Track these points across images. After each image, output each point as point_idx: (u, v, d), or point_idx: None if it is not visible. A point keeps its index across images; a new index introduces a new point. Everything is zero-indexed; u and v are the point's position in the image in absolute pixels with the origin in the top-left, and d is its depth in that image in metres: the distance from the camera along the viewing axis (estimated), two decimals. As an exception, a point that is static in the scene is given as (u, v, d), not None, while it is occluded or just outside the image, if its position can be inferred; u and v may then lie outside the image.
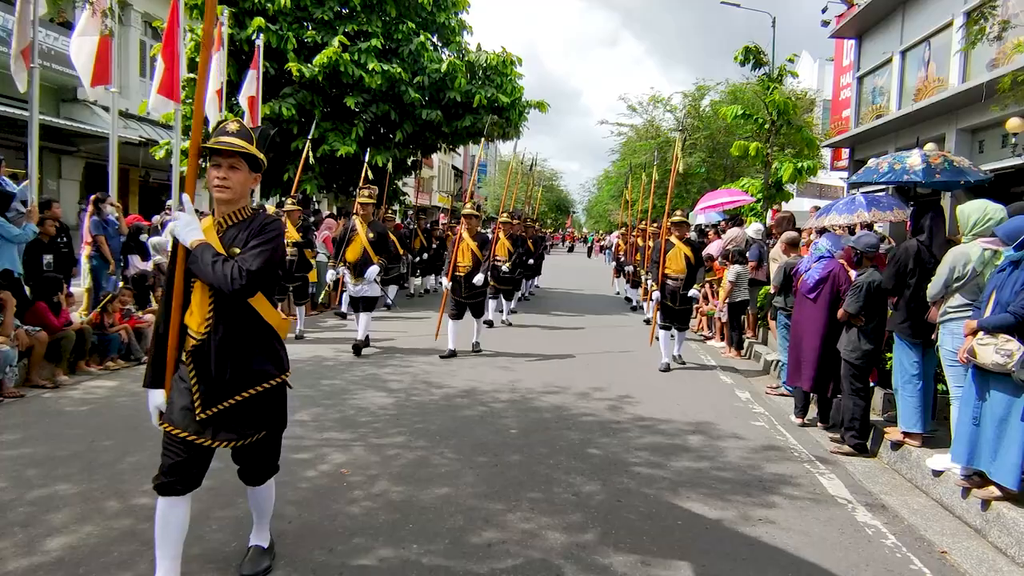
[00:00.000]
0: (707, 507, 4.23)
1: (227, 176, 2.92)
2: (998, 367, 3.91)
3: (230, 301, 2.85)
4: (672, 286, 8.80)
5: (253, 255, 2.80)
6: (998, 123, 11.45)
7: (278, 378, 3.04)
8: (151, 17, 17.26)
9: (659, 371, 8.42)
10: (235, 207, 2.99)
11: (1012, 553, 3.77)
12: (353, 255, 8.58)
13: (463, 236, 9.16)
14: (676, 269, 8.80)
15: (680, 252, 8.82)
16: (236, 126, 2.98)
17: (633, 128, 31.43)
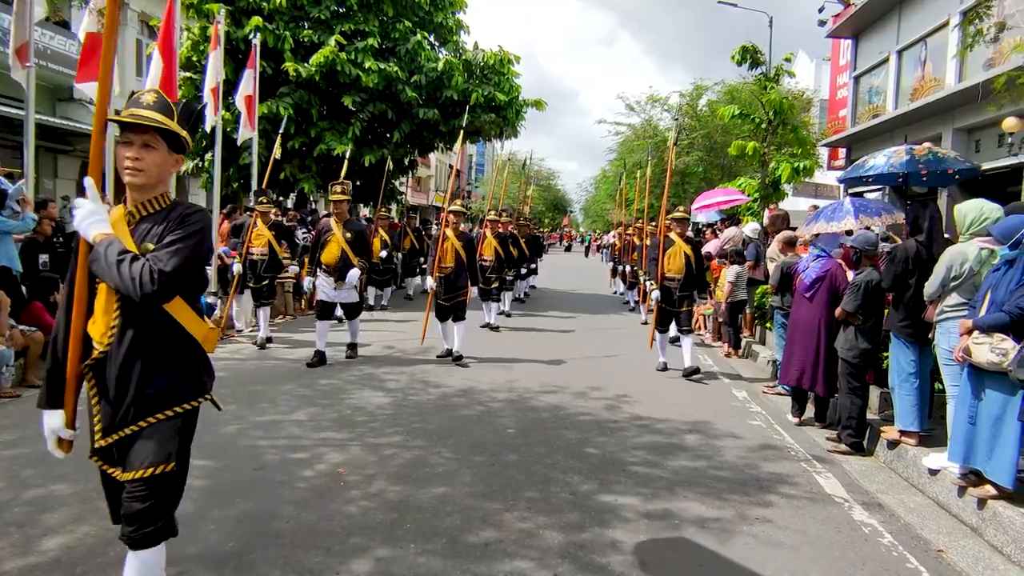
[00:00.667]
0: (704, 506, 4.24)
1: (140, 156, 2.43)
2: (993, 366, 3.92)
3: (140, 307, 2.38)
4: (671, 286, 8.34)
5: (168, 253, 2.32)
6: (994, 123, 11.48)
7: (194, 401, 2.56)
8: (147, 16, 17.22)
9: (656, 371, 8.34)
10: (150, 194, 2.50)
11: (1008, 551, 3.78)
12: (330, 257, 7.96)
13: (447, 235, 8.57)
14: (675, 269, 8.32)
15: (680, 251, 8.36)
16: (153, 97, 2.50)
17: (631, 127, 31.47)
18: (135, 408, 2.44)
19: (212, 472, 4.47)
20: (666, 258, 8.38)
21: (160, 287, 2.26)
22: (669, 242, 8.44)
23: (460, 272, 8.53)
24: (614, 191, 37.91)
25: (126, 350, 2.42)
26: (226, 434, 5.26)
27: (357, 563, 3.36)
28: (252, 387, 6.79)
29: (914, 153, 6.85)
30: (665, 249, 8.44)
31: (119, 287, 2.29)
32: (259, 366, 7.88)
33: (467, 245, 8.68)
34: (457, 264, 8.47)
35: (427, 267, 8.88)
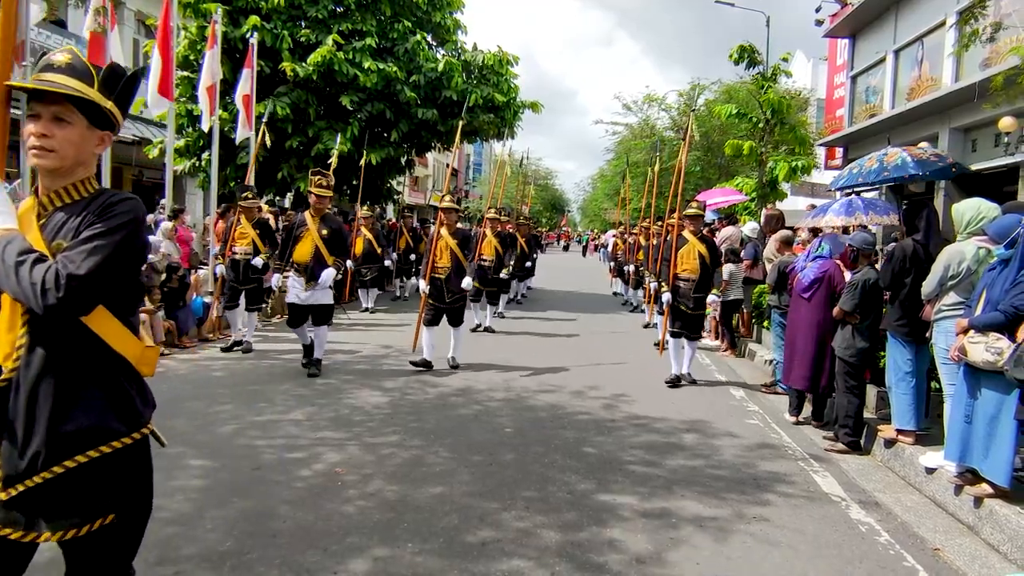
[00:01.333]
0: (702, 505, 4.24)
1: (49, 132, 1.90)
2: (988, 365, 3.94)
3: (51, 323, 1.83)
4: (684, 287, 7.72)
5: (83, 252, 1.78)
6: (991, 122, 11.51)
7: (128, 438, 1.95)
8: (144, 15, 17.19)
9: (665, 383, 7.54)
10: (67, 180, 1.94)
11: (1004, 550, 3.79)
12: (302, 255, 7.24)
13: (441, 233, 7.99)
14: (689, 268, 7.71)
15: (694, 249, 7.75)
16: (67, 58, 1.94)
17: (628, 127, 31.49)
18: (48, 449, 1.85)
19: (209, 472, 4.46)
20: (679, 257, 7.80)
21: (68, 295, 1.71)
22: (682, 240, 7.87)
23: (460, 273, 7.98)
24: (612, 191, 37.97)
25: (35, 376, 1.84)
26: (223, 434, 5.26)
27: (354, 563, 3.36)
28: (249, 387, 6.78)
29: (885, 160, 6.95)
30: (678, 247, 7.85)
31: (18, 296, 1.76)
32: (256, 365, 7.87)
33: (463, 243, 8.11)
34: (454, 265, 7.93)
35: (421, 269, 8.57)
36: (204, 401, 6.16)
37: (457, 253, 7.93)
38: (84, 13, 9.59)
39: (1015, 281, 4.00)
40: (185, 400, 6.19)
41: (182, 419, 5.55)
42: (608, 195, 41.44)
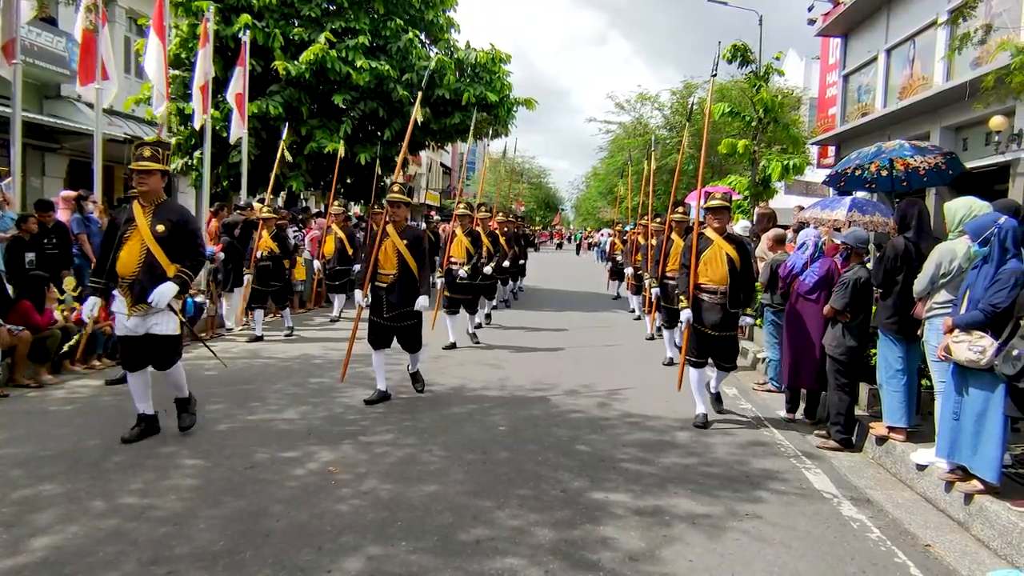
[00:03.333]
0: (695, 503, 4.26)
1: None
2: (972, 364, 3.98)
3: None
4: (709, 302, 6.04)
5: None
6: (981, 121, 11.58)
7: None
8: (136, 13, 17.10)
9: (695, 426, 5.93)
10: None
11: (994, 546, 3.82)
12: (125, 266, 4.91)
13: (387, 232, 6.42)
14: (715, 278, 5.91)
15: (720, 252, 5.96)
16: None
17: (621, 126, 31.53)
18: None
19: (202, 471, 4.45)
20: (701, 263, 6.07)
21: None
22: (705, 242, 6.15)
23: (405, 283, 6.34)
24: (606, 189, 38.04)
25: None
26: (216, 433, 5.25)
27: (348, 561, 3.36)
28: (242, 386, 6.76)
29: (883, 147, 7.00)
30: (699, 251, 6.13)
31: None
32: (249, 365, 7.85)
33: (413, 245, 6.34)
34: (401, 271, 6.24)
35: (358, 276, 8.40)
36: (197, 400, 6.13)
37: (406, 257, 6.23)
38: (75, 11, 9.55)
39: (993, 279, 4.04)
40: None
41: (175, 418, 5.54)
42: (601, 193, 41.50)
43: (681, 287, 6.17)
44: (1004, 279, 4.00)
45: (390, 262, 6.26)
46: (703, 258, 6.02)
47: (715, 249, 6.02)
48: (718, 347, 6.11)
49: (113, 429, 5.20)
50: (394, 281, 6.24)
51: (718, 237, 6.05)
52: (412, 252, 6.31)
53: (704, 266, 6.01)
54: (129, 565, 3.23)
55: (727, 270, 5.98)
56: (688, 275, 6.02)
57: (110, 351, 7.56)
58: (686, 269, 6.10)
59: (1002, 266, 4.05)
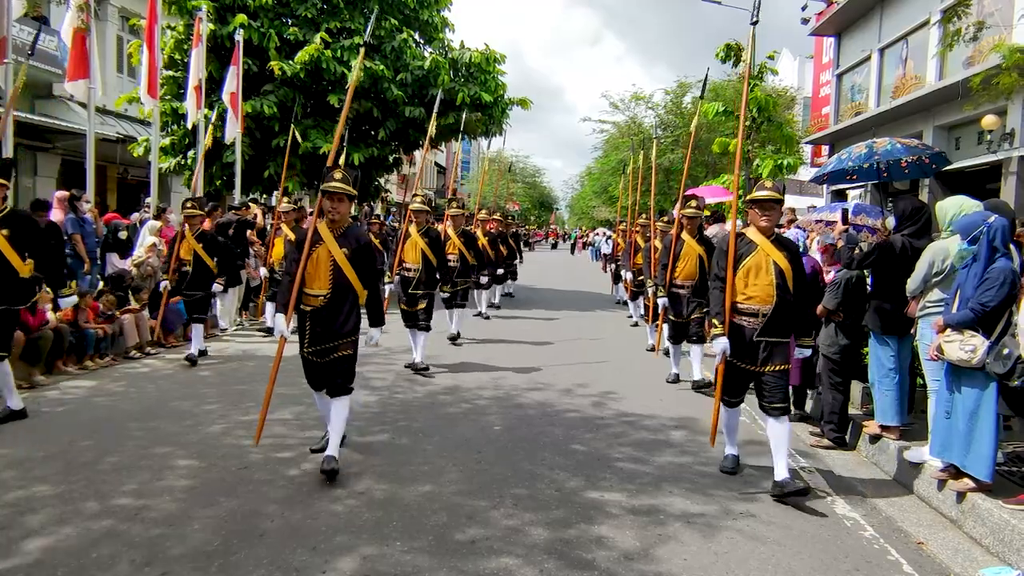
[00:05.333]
0: (689, 502, 4.27)
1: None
2: (963, 363, 4.01)
3: None
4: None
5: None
6: (974, 120, 11.63)
7: None
8: (128, 12, 17.04)
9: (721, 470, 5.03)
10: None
11: (987, 543, 3.85)
12: None
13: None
14: (759, 296, 4.56)
15: (767, 261, 4.57)
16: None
17: (616, 125, 31.57)
18: None
19: (197, 471, 4.44)
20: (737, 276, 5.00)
21: None
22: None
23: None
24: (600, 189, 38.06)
25: None
26: (211, 433, 5.23)
27: (343, 561, 3.36)
28: (236, 386, 6.75)
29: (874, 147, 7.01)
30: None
31: None
32: (243, 365, 7.83)
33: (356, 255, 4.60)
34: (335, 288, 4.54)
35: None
36: (191, 401, 6.13)
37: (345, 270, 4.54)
38: (66, 9, 9.51)
39: (982, 278, 4.06)
40: (172, 400, 6.16)
41: (169, 419, 5.53)
42: (596, 192, 41.51)
43: (714, 307, 4.63)
44: (993, 278, 4.02)
45: (322, 281, 4.49)
46: (742, 268, 4.55)
47: (760, 257, 4.50)
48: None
49: (106, 430, 5.19)
50: (324, 304, 4.48)
51: (765, 241, 4.52)
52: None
53: (743, 279, 4.55)
54: (123, 566, 3.22)
55: (697, 268, 5.62)
56: (722, 292, 4.57)
57: (103, 351, 7.53)
58: (720, 284, 4.61)
59: (991, 265, 4.07)
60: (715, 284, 4.68)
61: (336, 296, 4.50)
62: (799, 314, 4.61)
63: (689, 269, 7.25)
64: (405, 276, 7.71)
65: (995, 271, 4.03)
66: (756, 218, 4.61)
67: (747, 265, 4.55)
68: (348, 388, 4.67)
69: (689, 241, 7.35)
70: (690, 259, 7.27)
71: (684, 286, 7.24)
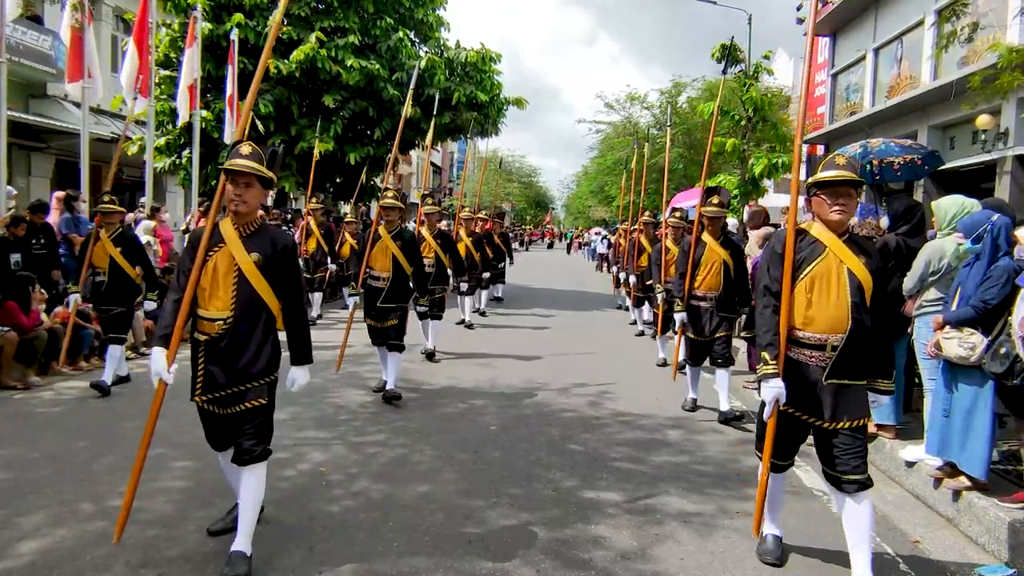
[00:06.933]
0: (686, 501, 4.27)
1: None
2: (962, 360, 4.02)
3: None
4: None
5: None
6: (968, 120, 11.66)
7: None
8: (123, 11, 16.98)
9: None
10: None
11: (982, 542, 3.85)
12: None
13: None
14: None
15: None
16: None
17: (611, 125, 31.59)
18: None
19: (192, 472, 4.43)
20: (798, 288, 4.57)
21: None
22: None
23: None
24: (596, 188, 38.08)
25: None
26: (206, 434, 5.21)
27: (340, 562, 3.35)
28: (232, 387, 6.72)
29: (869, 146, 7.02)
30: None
31: None
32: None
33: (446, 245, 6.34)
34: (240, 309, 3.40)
35: None
36: (186, 401, 6.09)
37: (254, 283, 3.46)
38: (61, 9, 9.47)
39: (984, 276, 4.07)
40: (167, 400, 6.11)
41: (164, 419, 5.45)
42: (592, 192, 41.53)
43: (763, 335, 3.31)
44: (996, 276, 4.03)
45: (220, 297, 3.29)
46: (803, 280, 3.27)
47: (829, 264, 3.25)
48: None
49: (101, 431, 5.16)
50: (225, 332, 3.30)
51: (835, 241, 3.27)
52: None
53: (804, 296, 3.26)
54: (118, 568, 3.21)
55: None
56: (775, 313, 3.30)
57: (98, 351, 7.50)
58: (772, 302, 3.32)
59: (994, 263, 4.09)
60: (764, 302, 3.36)
61: (241, 321, 3.26)
62: (880, 345, 3.33)
63: (712, 278, 6.09)
64: (372, 286, 6.42)
65: (998, 269, 4.04)
66: (823, 208, 3.27)
67: (811, 275, 3.26)
68: (264, 452, 3.34)
69: (712, 244, 6.11)
70: (713, 266, 6.07)
71: (706, 298, 6.08)
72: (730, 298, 6.08)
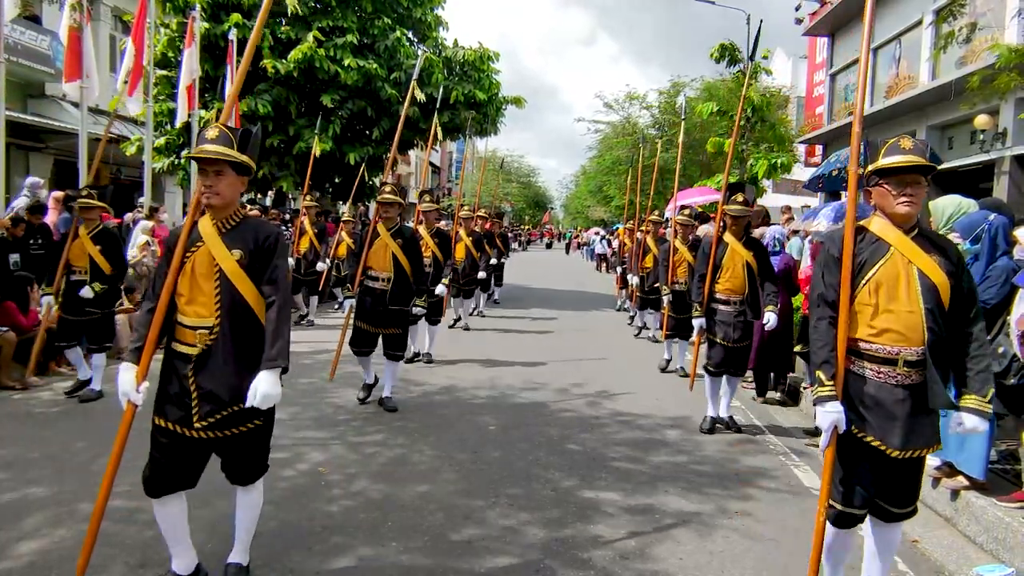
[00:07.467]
0: (685, 501, 4.27)
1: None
2: None
3: None
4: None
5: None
6: (967, 120, 11.68)
7: None
8: (121, 11, 16.97)
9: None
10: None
11: (980, 541, 3.86)
12: None
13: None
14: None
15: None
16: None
17: (610, 125, 31.57)
18: None
19: (191, 473, 4.42)
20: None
21: None
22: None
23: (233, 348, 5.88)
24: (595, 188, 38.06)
25: None
26: (205, 434, 5.21)
27: (339, 562, 3.35)
28: (231, 387, 6.71)
29: None
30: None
31: None
32: (238, 366, 7.80)
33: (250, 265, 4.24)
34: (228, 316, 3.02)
35: None
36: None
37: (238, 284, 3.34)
38: (59, 9, 9.47)
39: (983, 276, 4.08)
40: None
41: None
42: (591, 192, 41.52)
43: (818, 351, 2.85)
44: (995, 276, 4.04)
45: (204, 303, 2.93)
46: (867, 285, 2.81)
47: (896, 266, 2.80)
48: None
49: (101, 431, 5.16)
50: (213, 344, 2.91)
51: (903, 239, 2.81)
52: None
53: (868, 303, 2.81)
54: (117, 568, 3.21)
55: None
56: (832, 326, 2.82)
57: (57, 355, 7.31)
58: (827, 313, 2.86)
59: (992, 263, 4.09)
60: (819, 313, 2.90)
61: (230, 329, 2.89)
62: (958, 359, 2.83)
63: (734, 280, 5.67)
64: (371, 287, 6.03)
65: (997, 269, 4.05)
66: (887, 200, 2.82)
67: (875, 279, 2.80)
68: (265, 467, 3.18)
69: (734, 244, 5.68)
70: (735, 267, 5.67)
71: (729, 301, 5.67)
72: (756, 301, 5.69)
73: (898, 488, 2.88)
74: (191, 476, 3.00)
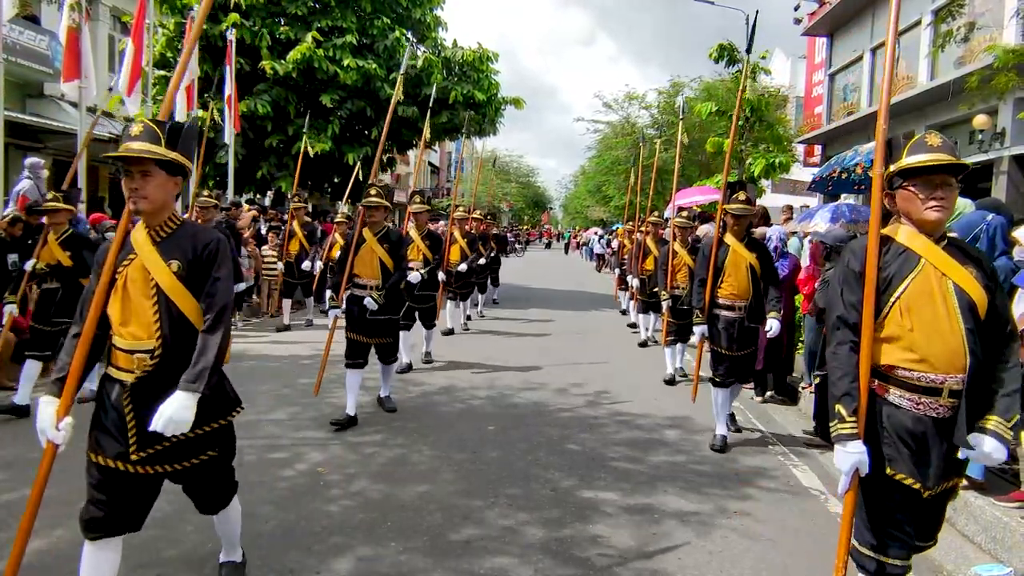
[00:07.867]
0: (684, 500, 4.28)
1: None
2: None
3: None
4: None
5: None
6: (965, 120, 11.70)
7: None
8: (120, 11, 16.96)
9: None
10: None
11: (979, 540, 3.86)
12: None
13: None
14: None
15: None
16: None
17: (610, 125, 31.58)
18: None
19: (190, 473, 4.42)
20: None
21: None
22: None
23: None
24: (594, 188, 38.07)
25: None
26: (204, 435, 5.20)
27: (338, 562, 3.35)
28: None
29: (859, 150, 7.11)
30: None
31: None
32: (236, 367, 7.79)
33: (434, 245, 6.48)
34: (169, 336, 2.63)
35: None
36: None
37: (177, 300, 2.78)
38: (58, 9, 9.46)
39: None
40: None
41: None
42: (590, 192, 41.53)
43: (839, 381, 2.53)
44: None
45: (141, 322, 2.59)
46: (896, 303, 2.48)
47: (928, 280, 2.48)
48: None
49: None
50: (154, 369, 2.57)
51: (932, 248, 2.52)
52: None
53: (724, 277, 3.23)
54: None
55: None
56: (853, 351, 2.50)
57: None
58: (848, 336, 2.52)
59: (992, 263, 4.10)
60: (839, 337, 2.54)
61: (172, 353, 2.57)
62: (986, 385, 2.47)
63: (738, 284, 5.34)
64: (359, 296, 5.71)
65: (996, 269, 4.05)
66: (914, 205, 2.51)
67: (905, 297, 2.46)
68: (230, 495, 2.96)
69: (736, 246, 5.36)
70: (738, 270, 5.34)
71: (733, 307, 5.36)
72: (760, 306, 5.39)
73: (927, 524, 2.66)
74: (135, 518, 2.67)
